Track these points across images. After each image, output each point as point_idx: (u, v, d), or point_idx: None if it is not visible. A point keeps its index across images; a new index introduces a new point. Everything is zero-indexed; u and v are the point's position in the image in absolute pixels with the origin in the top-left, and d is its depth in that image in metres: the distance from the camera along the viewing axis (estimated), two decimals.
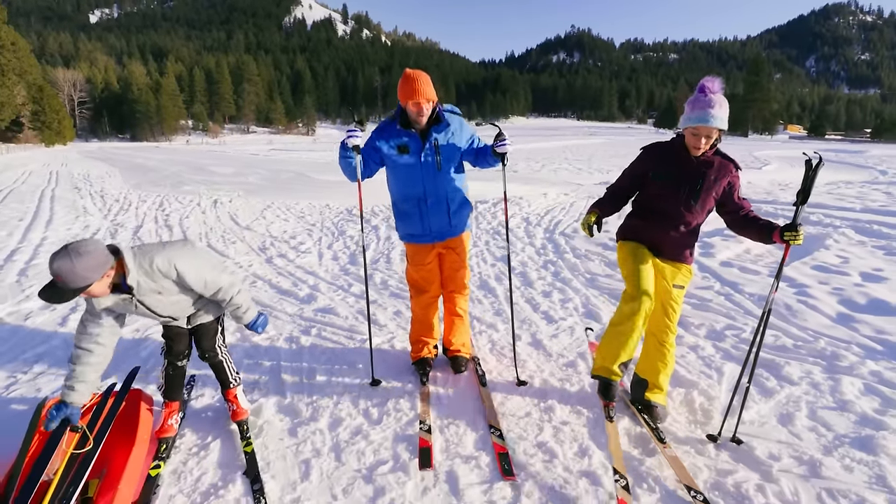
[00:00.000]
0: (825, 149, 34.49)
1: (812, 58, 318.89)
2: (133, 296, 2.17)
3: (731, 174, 2.51)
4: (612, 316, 2.67)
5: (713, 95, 2.36)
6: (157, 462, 2.34)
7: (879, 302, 4.17)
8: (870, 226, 7.05)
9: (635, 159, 2.69)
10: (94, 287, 1.97)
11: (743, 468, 2.28)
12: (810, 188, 2.23)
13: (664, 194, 2.55)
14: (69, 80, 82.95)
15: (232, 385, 2.69)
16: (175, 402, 2.61)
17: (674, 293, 2.63)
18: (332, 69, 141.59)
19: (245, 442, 2.49)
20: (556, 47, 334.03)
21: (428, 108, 2.76)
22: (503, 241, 6.77)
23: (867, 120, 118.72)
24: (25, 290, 5.10)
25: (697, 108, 2.37)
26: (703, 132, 2.38)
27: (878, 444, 2.40)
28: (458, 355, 3.26)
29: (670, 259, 2.64)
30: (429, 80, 2.76)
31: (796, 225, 2.25)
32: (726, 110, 2.37)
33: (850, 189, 11.45)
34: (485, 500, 2.13)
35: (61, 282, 1.87)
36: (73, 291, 1.90)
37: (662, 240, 2.61)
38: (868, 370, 3.09)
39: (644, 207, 2.68)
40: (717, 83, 2.38)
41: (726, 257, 5.72)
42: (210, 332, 2.58)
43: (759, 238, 2.45)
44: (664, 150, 2.59)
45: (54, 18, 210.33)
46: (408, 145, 2.83)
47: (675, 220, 2.57)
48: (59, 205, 11.11)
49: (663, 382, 2.69)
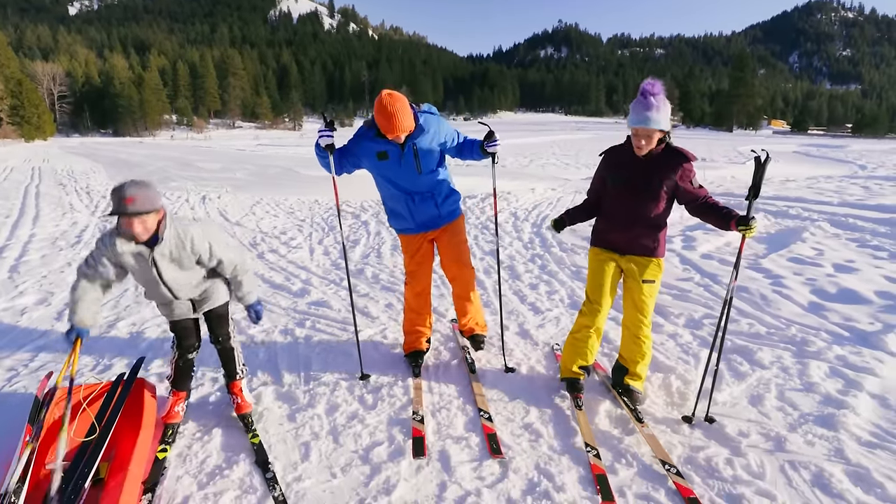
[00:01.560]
0: (807, 143, 35.15)
1: (795, 53, 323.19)
2: (152, 251, 2.34)
3: (681, 165, 2.57)
4: (574, 324, 2.95)
5: (653, 98, 2.45)
6: (163, 446, 2.46)
7: (849, 291, 4.39)
8: (845, 219, 7.31)
9: (597, 168, 2.85)
10: (148, 218, 2.23)
11: (714, 444, 2.46)
12: (760, 183, 2.39)
13: (619, 196, 2.71)
14: (48, 74, 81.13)
15: (238, 376, 2.80)
16: (182, 391, 2.73)
17: (644, 289, 2.76)
18: (318, 63, 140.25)
19: (251, 434, 2.58)
20: (544, 42, 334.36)
21: (406, 134, 2.77)
22: (491, 236, 6.91)
23: (848, 115, 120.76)
24: (18, 286, 5.13)
25: (637, 110, 2.48)
26: (641, 133, 2.50)
27: (839, 421, 2.58)
28: (475, 333, 3.43)
29: (639, 254, 2.76)
30: (405, 106, 2.70)
31: (749, 218, 2.41)
32: (666, 112, 2.48)
33: (830, 183, 11.78)
34: (475, 476, 2.28)
35: (131, 203, 2.15)
36: (137, 213, 2.18)
37: (626, 239, 2.75)
38: (834, 355, 3.29)
39: (605, 211, 2.83)
40: (658, 85, 2.47)
41: (707, 250, 5.93)
42: (223, 318, 2.73)
43: (718, 224, 2.60)
44: (618, 153, 2.73)
45: (31, 10, 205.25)
46: (387, 152, 2.85)
47: (633, 219, 2.69)
48: (44, 201, 11.02)
49: (641, 371, 2.87)
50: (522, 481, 2.25)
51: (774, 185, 11.65)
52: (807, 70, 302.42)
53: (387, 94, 2.68)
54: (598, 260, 2.85)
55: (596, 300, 2.82)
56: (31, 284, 5.17)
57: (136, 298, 4.70)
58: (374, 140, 2.86)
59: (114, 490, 2.07)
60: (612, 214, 2.78)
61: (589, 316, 2.84)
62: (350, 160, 2.97)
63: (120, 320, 4.16)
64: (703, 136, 48.31)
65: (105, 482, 2.14)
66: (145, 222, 2.23)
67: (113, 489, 2.09)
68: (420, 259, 3.23)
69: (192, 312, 2.64)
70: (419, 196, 3.01)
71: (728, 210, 2.56)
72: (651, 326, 2.88)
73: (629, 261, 2.78)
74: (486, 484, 2.24)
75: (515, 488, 2.21)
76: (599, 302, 2.81)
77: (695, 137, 46.29)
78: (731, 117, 75.01)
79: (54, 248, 6.74)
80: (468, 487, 2.22)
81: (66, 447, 2.10)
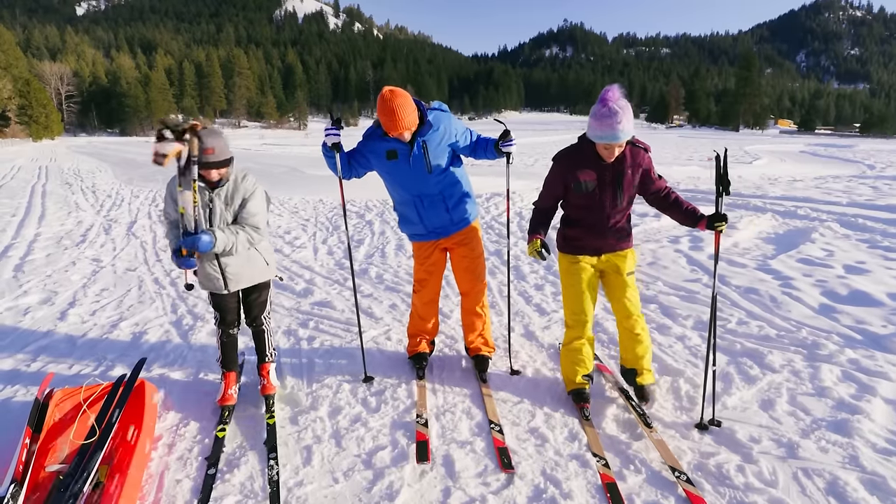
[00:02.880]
0: (815, 143, 34.90)
1: (803, 53, 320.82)
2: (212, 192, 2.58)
3: (644, 159, 2.57)
4: (564, 337, 2.89)
5: (617, 108, 2.33)
6: (221, 426, 2.62)
7: (860, 293, 4.31)
8: (855, 219, 7.21)
9: (550, 173, 2.71)
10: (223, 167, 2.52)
11: (725, 450, 2.40)
12: (726, 177, 2.38)
13: (590, 204, 2.61)
14: (56, 74, 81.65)
15: (267, 359, 2.98)
16: (232, 372, 2.90)
17: (629, 283, 2.74)
18: (323, 63, 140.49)
19: (269, 415, 2.70)
20: (549, 41, 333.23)
21: (410, 132, 2.72)
22: (496, 236, 6.86)
23: (856, 115, 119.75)
24: (22, 285, 5.13)
25: (605, 126, 2.35)
26: (614, 145, 2.43)
27: (853, 426, 2.52)
28: (480, 354, 3.23)
29: (617, 251, 2.73)
30: (409, 103, 2.64)
31: (723, 215, 2.41)
32: (630, 118, 2.39)
33: (838, 183, 11.65)
34: (479, 482, 2.24)
35: (212, 153, 2.43)
36: (217, 163, 2.46)
37: (602, 241, 2.69)
38: (847, 358, 3.22)
39: (574, 217, 2.73)
40: (617, 91, 2.38)
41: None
42: (261, 303, 2.93)
43: (682, 221, 2.59)
44: (577, 159, 2.59)
45: (40, 10, 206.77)
46: (396, 150, 2.79)
47: (608, 221, 2.64)
48: (50, 200, 11.06)
49: (647, 364, 2.83)
50: (528, 488, 2.20)
51: (782, 185, 11.54)
52: (814, 69, 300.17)
53: (388, 91, 2.62)
54: (574, 268, 2.75)
55: (579, 311, 2.75)
56: (35, 284, 5.17)
57: (139, 298, 4.69)
58: (382, 138, 2.79)
59: (113, 494, 2.05)
60: (582, 220, 2.69)
61: (576, 328, 2.78)
62: (360, 161, 2.90)
63: (123, 320, 4.14)
64: (708, 136, 48.04)
65: (104, 486, 2.11)
66: (221, 169, 2.52)
67: (112, 493, 2.06)
68: (430, 268, 3.14)
69: (225, 288, 2.73)
70: (429, 199, 2.92)
71: (693, 207, 2.58)
72: (643, 315, 2.85)
73: (607, 259, 2.74)
74: (492, 490, 2.19)
75: (521, 495, 2.16)
76: (584, 311, 2.75)
77: (700, 137, 46.02)
78: (737, 117, 74.63)
79: (59, 248, 6.74)
80: (473, 494, 2.17)
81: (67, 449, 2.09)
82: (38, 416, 2.36)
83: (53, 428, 2.39)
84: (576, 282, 2.74)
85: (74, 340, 3.79)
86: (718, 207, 2.43)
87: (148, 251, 6.45)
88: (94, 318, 4.21)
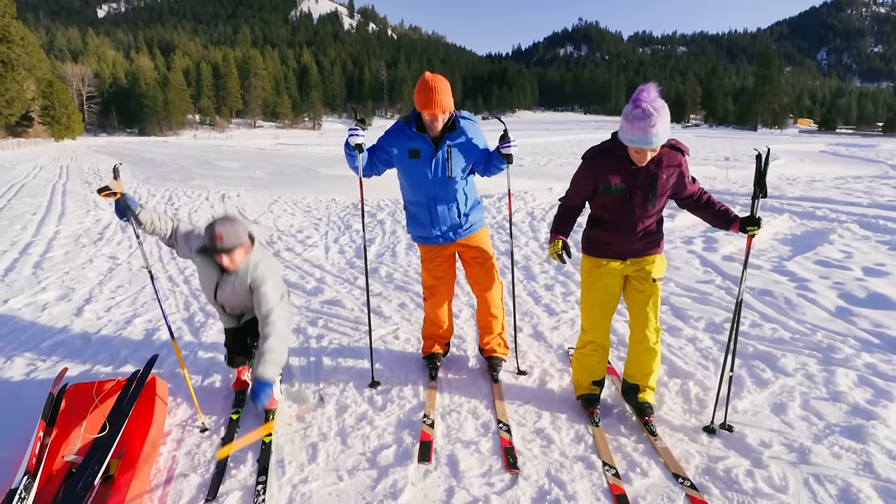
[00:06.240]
0: (836, 143, 34.18)
1: (824, 50, 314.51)
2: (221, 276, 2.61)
3: (680, 163, 2.41)
4: (577, 340, 2.82)
5: (652, 110, 2.12)
6: (236, 409, 2.75)
7: (879, 296, 4.21)
8: (876, 221, 7.04)
9: (579, 172, 2.52)
10: (236, 252, 2.49)
11: (734, 455, 2.36)
12: (764, 180, 2.28)
13: (619, 206, 2.45)
14: (78, 75, 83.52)
15: None
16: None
17: (654, 290, 2.59)
18: (338, 63, 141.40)
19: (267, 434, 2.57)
20: (564, 40, 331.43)
21: (443, 119, 2.71)
22: (506, 236, 6.84)
23: (879, 113, 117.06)
24: (41, 281, 5.24)
25: (637, 129, 2.15)
26: (647, 150, 2.24)
27: (868, 432, 2.46)
28: (494, 356, 3.20)
29: (644, 256, 2.58)
30: (448, 88, 2.67)
31: (757, 218, 2.30)
32: (667, 120, 2.17)
33: (859, 184, 11.39)
34: (484, 483, 2.23)
35: (220, 241, 2.41)
36: (227, 249, 2.44)
37: (629, 246, 2.54)
38: (863, 362, 3.14)
39: (602, 219, 2.56)
40: (653, 91, 2.17)
41: (728, 252, 5.76)
42: None
43: (714, 223, 2.49)
44: (608, 159, 2.40)
45: (62, 13, 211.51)
46: (420, 150, 2.78)
47: (637, 225, 2.48)
48: (70, 199, 11.30)
49: (653, 382, 2.73)
50: (533, 489, 2.19)
51: (801, 185, 11.32)
52: (836, 67, 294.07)
53: (430, 73, 2.69)
54: (597, 272, 2.61)
55: (598, 316, 2.65)
56: (53, 280, 5.28)
57: (153, 296, 4.76)
58: (409, 136, 2.79)
59: (123, 487, 2.08)
60: (610, 223, 2.52)
61: (591, 332, 2.70)
62: (381, 157, 2.89)
63: (137, 317, 4.21)
64: (726, 136, 47.32)
65: (115, 479, 2.15)
66: (232, 256, 2.49)
67: (122, 486, 2.10)
68: (440, 274, 3.12)
69: (237, 323, 2.83)
70: (443, 203, 2.90)
71: (726, 208, 2.47)
72: (660, 330, 2.76)
73: (635, 263, 2.59)
74: (496, 490, 2.18)
75: (525, 496, 2.15)
76: (603, 317, 2.66)
77: (718, 136, 45.36)
78: (755, 116, 73.43)
79: (77, 245, 6.88)
80: (476, 494, 2.16)
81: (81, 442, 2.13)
82: (52, 410, 2.41)
83: (67, 422, 2.44)
84: (597, 286, 2.62)
85: (89, 336, 3.86)
86: (754, 210, 2.28)
87: (163, 249, 6.55)
88: (109, 315, 4.29)
